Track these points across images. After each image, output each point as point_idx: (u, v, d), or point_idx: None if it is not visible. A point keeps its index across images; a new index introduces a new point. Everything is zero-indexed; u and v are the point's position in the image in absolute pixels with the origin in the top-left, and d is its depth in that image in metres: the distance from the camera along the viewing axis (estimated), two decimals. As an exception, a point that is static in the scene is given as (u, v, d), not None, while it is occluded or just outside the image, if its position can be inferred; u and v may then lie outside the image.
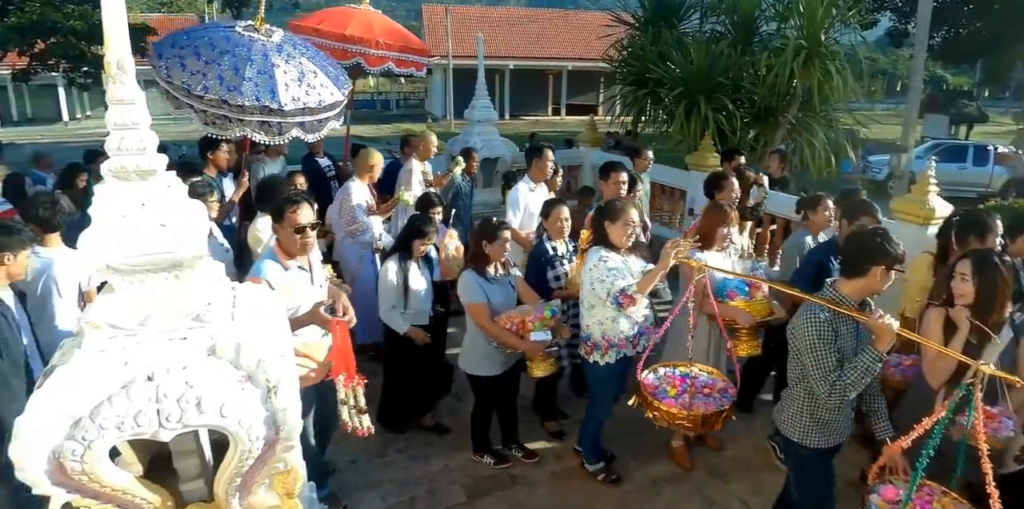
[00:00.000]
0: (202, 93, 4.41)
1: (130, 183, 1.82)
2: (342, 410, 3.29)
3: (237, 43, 4.65)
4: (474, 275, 4.00)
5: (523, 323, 3.86)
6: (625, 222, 3.80)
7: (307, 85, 4.73)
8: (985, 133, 27.56)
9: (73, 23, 14.32)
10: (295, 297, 3.38)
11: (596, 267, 3.75)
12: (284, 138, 4.77)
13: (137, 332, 1.83)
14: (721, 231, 4.19)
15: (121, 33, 1.76)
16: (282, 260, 3.46)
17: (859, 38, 10.93)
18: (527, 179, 5.88)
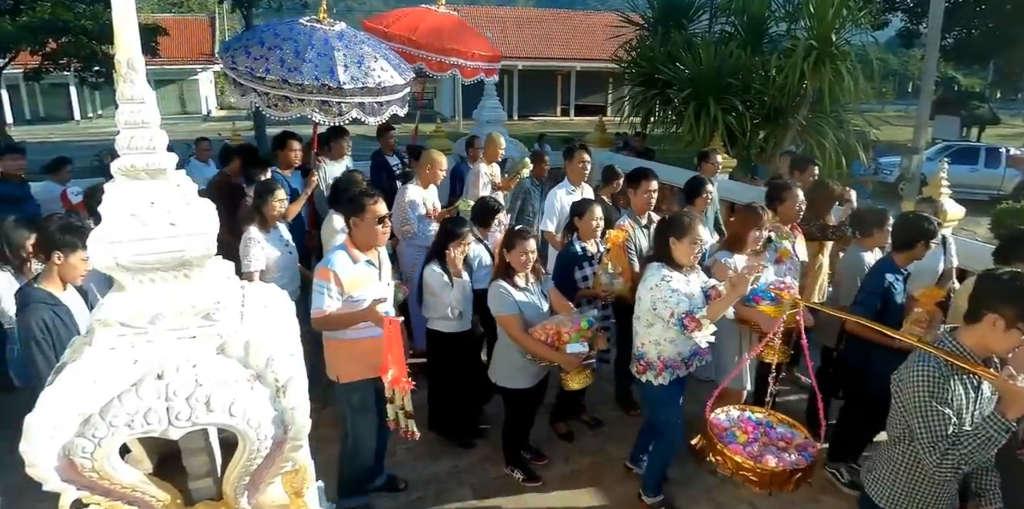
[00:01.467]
0: (263, 75, 4.51)
1: (140, 182, 1.82)
2: (388, 409, 3.34)
3: (300, 32, 4.81)
4: (504, 285, 3.87)
5: (558, 334, 3.72)
6: (693, 240, 3.58)
7: (367, 67, 4.75)
8: (997, 135, 27.37)
9: (84, 22, 14.40)
10: (361, 290, 3.45)
11: (658, 286, 3.53)
12: (344, 119, 4.78)
13: (147, 330, 1.83)
14: (753, 234, 4.03)
15: (131, 32, 1.77)
16: (352, 253, 3.48)
17: (870, 38, 10.88)
18: (565, 182, 5.73)
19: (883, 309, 3.89)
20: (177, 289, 1.85)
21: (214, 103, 41.40)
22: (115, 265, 1.78)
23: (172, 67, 34.61)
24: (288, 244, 4.68)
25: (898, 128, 13.65)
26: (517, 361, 3.95)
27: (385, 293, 3.62)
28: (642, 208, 4.89)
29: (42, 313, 3.33)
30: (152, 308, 1.82)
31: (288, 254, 4.64)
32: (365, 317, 3.36)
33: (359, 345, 3.52)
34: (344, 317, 3.44)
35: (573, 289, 4.41)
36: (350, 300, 3.43)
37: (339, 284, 3.38)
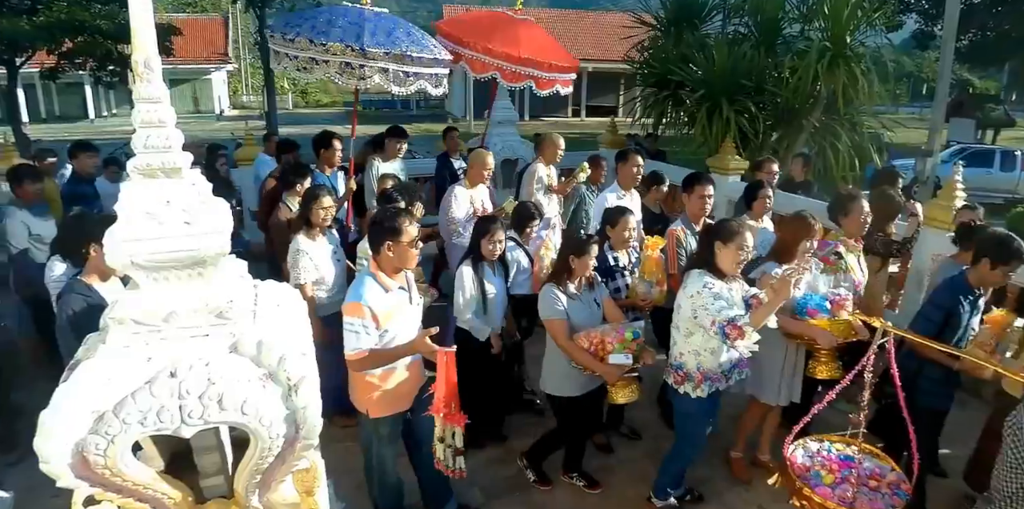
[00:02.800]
0: (293, 37, 4.57)
1: (156, 180, 1.84)
2: (436, 447, 3.15)
3: (339, 9, 4.92)
4: (555, 289, 3.74)
5: (602, 343, 3.59)
6: (739, 246, 3.44)
7: (395, 36, 4.75)
8: (1013, 138, 27.10)
9: (100, 22, 14.52)
10: (395, 321, 3.21)
11: (700, 293, 3.39)
12: (366, 83, 4.75)
13: (161, 328, 1.84)
14: (804, 244, 3.86)
15: (148, 33, 1.78)
16: (382, 281, 3.22)
17: (884, 40, 10.80)
18: (615, 187, 5.57)
19: (946, 325, 3.70)
20: (191, 287, 1.86)
21: (227, 103, 41.65)
22: (130, 263, 1.79)
23: (185, 67, 34.85)
24: (336, 252, 4.62)
25: (912, 130, 13.58)
26: (563, 368, 3.83)
27: (418, 318, 3.44)
28: (697, 214, 4.72)
29: (73, 303, 3.48)
30: (166, 306, 1.83)
31: (336, 262, 4.57)
32: (415, 350, 3.13)
33: (389, 378, 3.32)
34: (388, 354, 3.18)
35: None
36: (386, 334, 3.19)
37: (375, 320, 3.12)
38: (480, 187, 5.62)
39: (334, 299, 4.46)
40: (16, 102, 17.44)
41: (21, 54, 15.20)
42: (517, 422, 4.89)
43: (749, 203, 4.98)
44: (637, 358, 3.62)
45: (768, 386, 4.10)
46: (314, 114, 40.65)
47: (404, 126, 6.98)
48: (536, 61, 6.03)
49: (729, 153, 7.81)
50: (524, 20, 6.46)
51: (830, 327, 3.68)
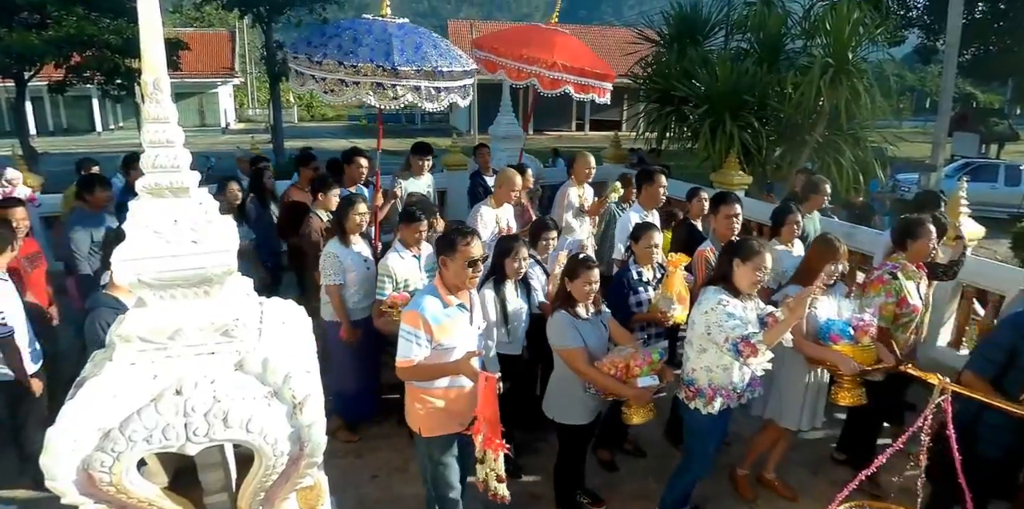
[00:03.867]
0: (320, 59, 4.48)
1: (164, 200, 1.86)
2: (478, 470, 3.12)
3: (360, 23, 4.86)
4: (566, 317, 3.63)
5: (627, 368, 3.50)
6: (758, 266, 3.38)
7: (424, 52, 4.67)
8: (1017, 152, 27.10)
9: (108, 37, 14.65)
10: (451, 337, 3.19)
11: (714, 310, 3.35)
12: (399, 103, 4.64)
13: (167, 346, 1.86)
14: (828, 267, 3.79)
15: (158, 54, 1.81)
16: (443, 296, 3.21)
17: (887, 55, 10.86)
18: (638, 207, 5.54)
19: (1010, 365, 3.39)
20: (197, 305, 1.88)
21: (233, 116, 41.93)
22: (137, 281, 1.81)
23: (192, 80, 35.14)
24: (367, 260, 4.66)
25: (916, 144, 13.60)
26: (577, 395, 3.71)
27: (475, 340, 3.40)
28: (725, 234, 4.64)
29: (105, 316, 3.48)
30: (172, 324, 1.84)
31: (366, 270, 4.61)
32: (457, 370, 3.11)
33: (445, 396, 3.29)
34: (434, 369, 3.18)
35: (627, 314, 4.23)
36: (439, 348, 3.16)
37: (429, 331, 3.10)
38: (506, 207, 5.56)
39: (360, 305, 4.59)
40: (24, 115, 17.58)
41: (29, 68, 15.35)
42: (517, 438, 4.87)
43: (777, 228, 4.88)
44: (661, 377, 3.58)
45: (789, 411, 4.03)
46: (319, 128, 40.90)
47: (408, 140, 6.97)
48: (572, 67, 5.99)
49: (733, 168, 7.84)
50: (558, 30, 6.44)
51: (853, 353, 3.60)
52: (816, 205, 5.65)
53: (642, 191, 5.50)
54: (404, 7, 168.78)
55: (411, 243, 4.47)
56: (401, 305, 4.14)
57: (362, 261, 4.60)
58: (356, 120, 43.86)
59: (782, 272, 4.62)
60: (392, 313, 4.20)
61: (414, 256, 4.49)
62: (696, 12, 11.11)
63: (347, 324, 4.50)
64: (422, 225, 4.46)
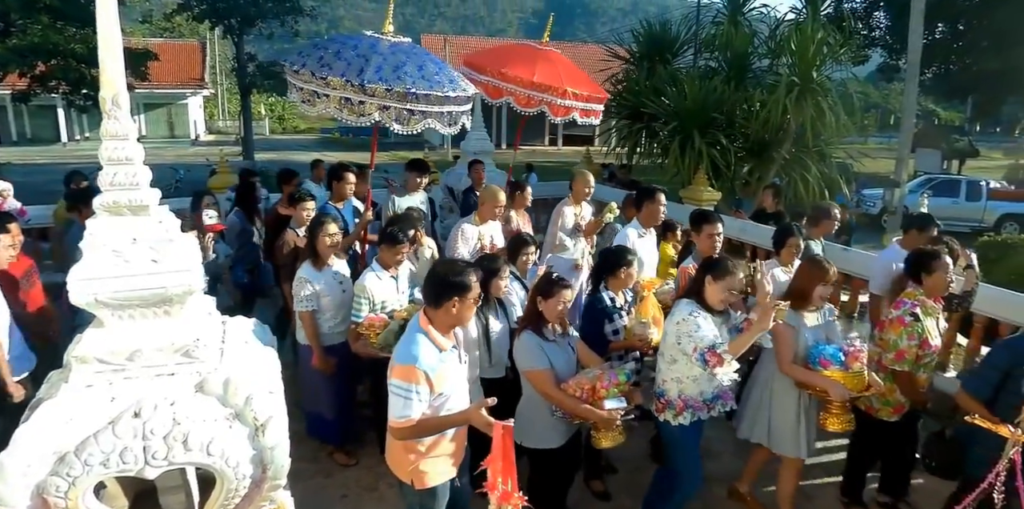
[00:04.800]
0: (298, 69, 4.44)
1: (122, 218, 1.83)
2: None
3: (354, 38, 4.79)
4: (534, 337, 3.50)
5: (594, 390, 3.41)
6: (728, 286, 3.42)
7: (402, 72, 4.55)
8: (978, 167, 27.86)
9: (74, 46, 14.44)
10: (448, 382, 2.92)
11: (685, 321, 3.38)
12: (366, 120, 4.56)
13: (125, 367, 1.82)
14: (819, 289, 3.74)
15: (117, 70, 1.79)
16: (436, 341, 2.89)
17: (851, 74, 11.11)
18: (636, 224, 5.40)
19: (1002, 388, 3.40)
20: (157, 326, 1.84)
21: (203, 128, 41.49)
22: (94, 301, 1.77)
23: (161, 91, 34.72)
24: (343, 282, 4.50)
25: (881, 160, 13.88)
26: (546, 419, 3.59)
27: (466, 378, 3.18)
28: (708, 252, 4.57)
29: None
30: (131, 345, 1.81)
31: (341, 293, 4.43)
32: (467, 421, 2.83)
33: (438, 443, 2.99)
34: (437, 422, 2.87)
35: (604, 344, 4.08)
36: (438, 398, 2.88)
37: (429, 384, 2.78)
38: (491, 223, 5.44)
39: (336, 330, 4.44)
40: (-14, 125, 17.22)
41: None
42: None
43: (778, 249, 4.77)
44: (629, 399, 3.48)
45: (783, 437, 3.92)
46: (291, 140, 40.64)
47: (381, 153, 6.88)
48: (551, 87, 5.84)
49: (702, 184, 7.93)
50: (547, 50, 6.31)
51: (844, 379, 3.52)
52: (827, 230, 5.54)
53: (642, 209, 5.39)
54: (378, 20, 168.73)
55: (390, 264, 4.36)
56: (379, 327, 4.04)
57: (337, 284, 4.45)
58: (329, 133, 43.69)
59: (779, 294, 4.63)
60: (369, 335, 4.08)
61: (392, 277, 4.37)
62: (665, 31, 11.27)
63: (319, 352, 4.35)
64: (404, 247, 4.35)
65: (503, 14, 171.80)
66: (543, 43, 6.44)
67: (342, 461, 4.56)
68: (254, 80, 21.34)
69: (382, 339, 4.03)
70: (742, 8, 10.75)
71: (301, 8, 20.66)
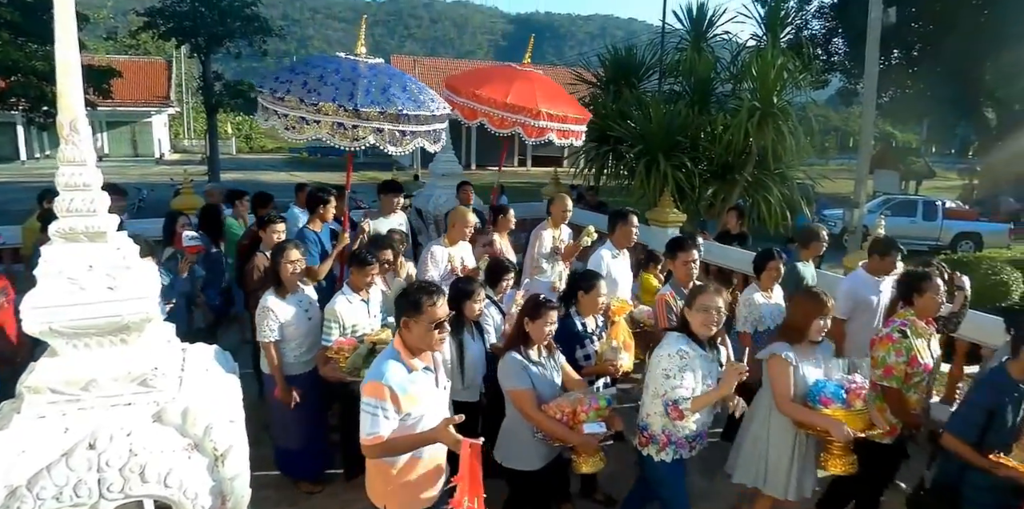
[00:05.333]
0: (283, 95, 4.35)
1: (78, 244, 1.80)
2: None
3: (332, 61, 4.72)
4: (518, 358, 3.49)
5: (574, 413, 3.37)
6: (702, 307, 3.36)
7: (390, 94, 4.54)
8: (934, 187, 28.72)
9: (35, 63, 14.21)
10: (419, 406, 2.90)
11: (670, 357, 3.31)
12: (360, 144, 4.52)
13: (80, 397, 1.78)
14: (817, 323, 3.58)
15: (76, 95, 1.78)
16: (407, 360, 2.90)
17: (810, 98, 11.42)
18: (610, 245, 5.40)
19: (988, 427, 3.37)
20: (113, 354, 1.81)
21: (167, 146, 40.97)
22: (48, 330, 1.74)
23: (125, 109, 34.23)
24: (308, 310, 4.37)
25: (840, 181, 14.23)
26: (526, 440, 3.54)
27: (445, 403, 3.16)
28: (684, 279, 4.59)
29: None
30: (86, 374, 1.77)
31: (307, 321, 4.31)
32: (435, 439, 2.82)
33: (412, 468, 2.97)
34: (406, 441, 2.86)
35: (575, 368, 4.00)
36: (407, 418, 2.87)
37: (396, 402, 2.79)
38: (462, 245, 5.40)
39: (302, 359, 4.31)
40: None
41: (-51, 93, 14.75)
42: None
43: (758, 273, 4.82)
44: (609, 425, 3.43)
45: (774, 478, 3.77)
46: (258, 160, 40.31)
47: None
48: (524, 108, 5.79)
49: (667, 206, 8.04)
50: (527, 71, 6.27)
51: (845, 418, 3.37)
52: (816, 252, 5.57)
53: (615, 230, 5.40)
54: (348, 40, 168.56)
55: (360, 287, 4.30)
56: (348, 350, 3.98)
57: (303, 312, 4.32)
58: (297, 152, 43.46)
59: (759, 318, 4.68)
60: (338, 359, 4.01)
61: (362, 300, 4.31)
62: (631, 55, 11.46)
63: (281, 383, 4.21)
64: (373, 269, 4.29)
65: (473, 36, 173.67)
66: (524, 64, 6.44)
67: (307, 489, 4.46)
68: (221, 99, 21.19)
69: (350, 363, 3.98)
70: (705, 35, 11.01)
71: (270, 28, 20.64)
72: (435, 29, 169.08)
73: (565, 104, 6.20)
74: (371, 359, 4.00)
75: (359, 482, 4.39)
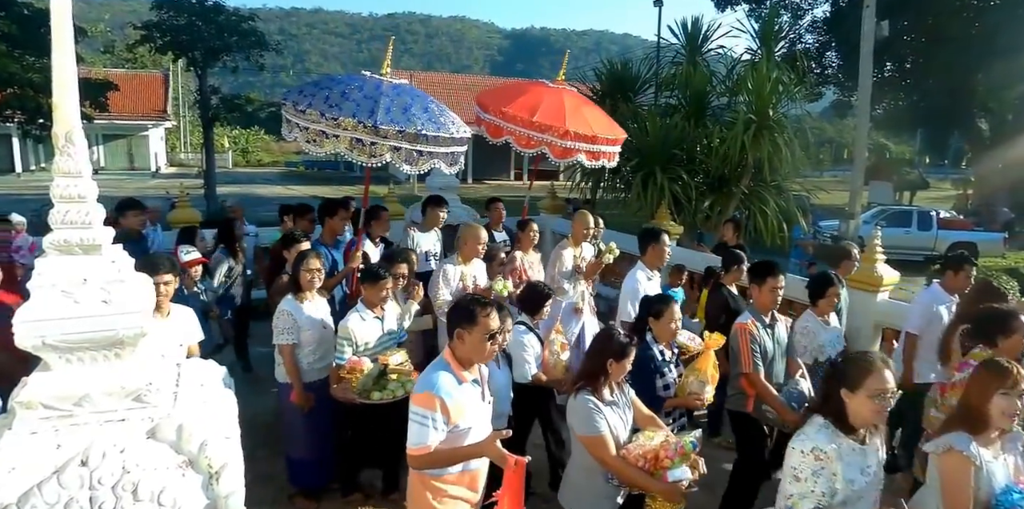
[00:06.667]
0: (304, 108, 4.38)
1: (73, 257, 1.78)
2: None
3: (355, 78, 4.76)
4: (590, 399, 3.19)
5: (656, 458, 3.08)
6: (871, 393, 2.53)
7: (411, 113, 4.56)
8: (928, 198, 28.87)
9: (31, 75, 14.19)
10: (466, 417, 2.86)
11: (804, 455, 2.56)
12: (377, 161, 4.55)
13: (72, 413, 1.75)
14: (999, 403, 2.74)
15: (72, 106, 1.76)
16: (457, 372, 2.87)
17: (805, 111, 11.48)
18: (642, 266, 5.27)
19: None
20: (107, 369, 1.78)
21: (164, 160, 40.98)
22: (41, 344, 1.71)
23: (122, 122, 34.27)
24: (324, 318, 4.44)
25: (835, 193, 14.30)
26: (599, 487, 3.27)
27: (488, 417, 3.10)
28: (767, 306, 4.25)
29: None
30: (79, 389, 1.74)
31: (322, 329, 4.38)
32: (481, 453, 2.77)
33: (459, 482, 2.93)
34: (453, 454, 2.82)
35: (655, 401, 3.74)
36: (455, 430, 2.82)
37: (446, 413, 2.76)
38: (475, 263, 5.31)
39: (315, 366, 4.33)
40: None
41: (-56, 105, 14.71)
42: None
43: (815, 299, 4.49)
44: (694, 470, 3.16)
45: None
46: (254, 173, 40.32)
47: (346, 187, 6.78)
48: (551, 126, 5.59)
49: (664, 219, 8.06)
50: (560, 89, 6.09)
51: None
52: (848, 271, 5.43)
53: (647, 250, 5.26)
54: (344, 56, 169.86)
55: (374, 303, 4.27)
56: (359, 371, 3.94)
57: (319, 319, 4.37)
58: (293, 166, 43.50)
59: (819, 347, 4.42)
60: (351, 379, 3.96)
61: (376, 318, 4.28)
62: (627, 69, 11.54)
63: (299, 387, 4.22)
64: (387, 284, 4.26)
65: (469, 51, 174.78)
66: (557, 81, 6.25)
67: (302, 505, 4.41)
68: (217, 113, 21.19)
69: (360, 384, 3.93)
70: (700, 49, 11.11)
71: (266, 42, 20.67)
72: (431, 44, 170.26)
73: (598, 124, 5.96)
74: (382, 381, 4.02)
75: (354, 498, 4.40)
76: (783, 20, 20.12)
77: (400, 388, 3.92)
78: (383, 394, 3.91)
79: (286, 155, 48.01)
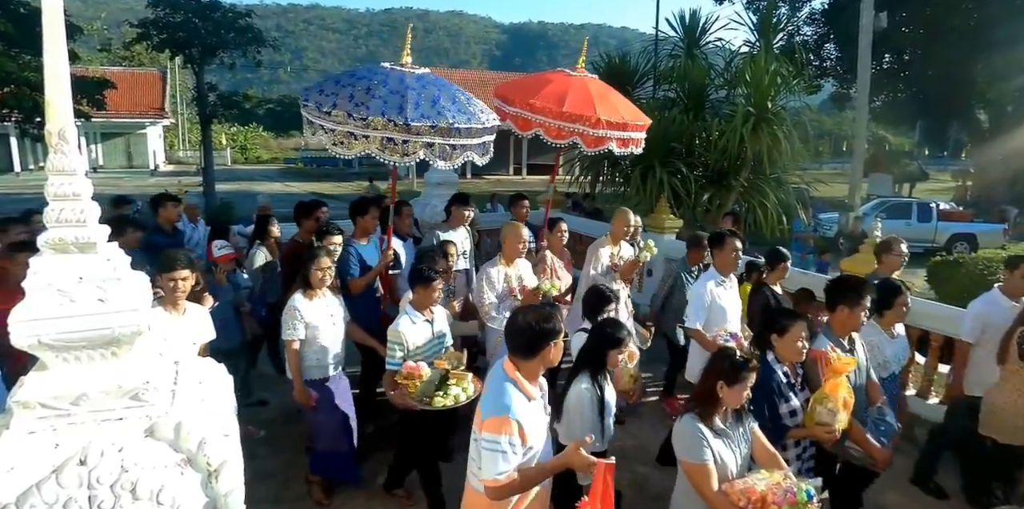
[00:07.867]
0: (329, 109, 4.19)
1: (68, 256, 1.76)
2: None
3: (377, 72, 4.57)
4: (697, 424, 2.92)
5: (763, 501, 2.76)
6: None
7: (440, 106, 4.38)
8: (927, 190, 28.87)
9: (29, 74, 14.14)
10: (536, 435, 2.66)
11: None
12: (410, 159, 4.36)
13: (70, 412, 1.74)
14: None
15: (64, 102, 1.75)
16: (525, 390, 2.68)
17: (804, 103, 11.46)
18: (713, 272, 5.06)
19: None
20: (104, 368, 1.77)
21: (162, 158, 40.92)
22: (37, 343, 1.70)
23: (119, 120, 34.22)
24: (334, 315, 4.38)
25: (835, 185, 14.30)
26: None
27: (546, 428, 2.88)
28: (845, 330, 3.72)
29: None
30: (76, 388, 1.73)
31: (331, 326, 4.33)
32: (567, 464, 2.60)
33: (523, 501, 2.73)
34: (535, 474, 2.63)
35: (779, 428, 3.38)
36: (528, 451, 2.64)
37: (523, 436, 2.58)
38: (518, 262, 5.14)
39: (322, 364, 4.30)
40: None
41: (-59, 104, 14.67)
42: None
43: (881, 309, 4.03)
44: None
45: None
46: (253, 170, 40.28)
47: (345, 183, 6.71)
48: (582, 116, 5.41)
49: (664, 212, 8.04)
50: (582, 77, 5.91)
51: None
52: (894, 267, 5.13)
53: (715, 257, 5.06)
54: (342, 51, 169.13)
55: (425, 306, 4.17)
56: (417, 378, 3.84)
57: (328, 316, 4.33)
58: (292, 163, 43.44)
59: (883, 362, 4.01)
60: (408, 385, 3.85)
61: (426, 321, 4.18)
62: (625, 63, 11.51)
63: (299, 383, 4.20)
64: (439, 285, 4.16)
65: (467, 46, 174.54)
66: (576, 69, 6.12)
67: (316, 496, 4.39)
68: (215, 110, 21.17)
69: (420, 391, 3.84)
70: (698, 42, 11.07)
71: (264, 39, 20.62)
72: (429, 39, 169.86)
73: (626, 110, 5.81)
74: (444, 386, 3.90)
75: (371, 493, 4.39)
76: (781, 12, 20.08)
77: (462, 393, 3.84)
78: (447, 400, 3.80)
79: (285, 152, 47.93)
